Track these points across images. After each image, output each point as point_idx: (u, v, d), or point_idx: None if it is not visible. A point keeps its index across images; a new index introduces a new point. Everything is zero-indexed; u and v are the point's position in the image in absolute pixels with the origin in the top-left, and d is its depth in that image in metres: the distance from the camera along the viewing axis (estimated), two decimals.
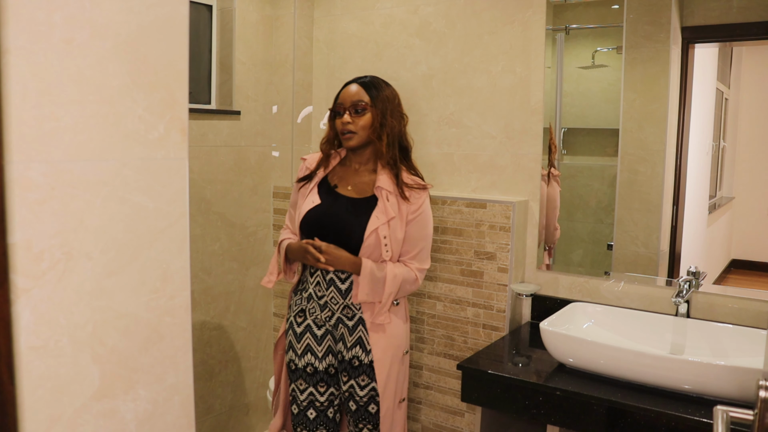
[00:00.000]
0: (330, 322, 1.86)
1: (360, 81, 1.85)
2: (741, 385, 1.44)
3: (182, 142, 0.86)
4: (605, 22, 2.06)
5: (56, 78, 0.72)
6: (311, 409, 1.89)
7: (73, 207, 0.75)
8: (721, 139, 2.03)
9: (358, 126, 1.81)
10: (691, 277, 1.84)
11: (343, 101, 1.83)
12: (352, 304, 1.83)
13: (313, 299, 1.88)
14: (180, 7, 0.84)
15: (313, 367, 1.88)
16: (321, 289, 1.86)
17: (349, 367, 1.85)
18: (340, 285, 1.83)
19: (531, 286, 2.12)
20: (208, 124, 2.50)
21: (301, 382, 1.89)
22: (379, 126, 1.81)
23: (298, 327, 1.90)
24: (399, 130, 1.86)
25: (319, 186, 1.89)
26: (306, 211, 1.85)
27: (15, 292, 0.70)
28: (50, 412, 0.75)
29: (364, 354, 1.82)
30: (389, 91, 1.86)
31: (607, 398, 1.54)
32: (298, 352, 1.89)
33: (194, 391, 0.92)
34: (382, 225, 1.78)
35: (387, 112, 1.82)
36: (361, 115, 1.81)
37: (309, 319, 1.88)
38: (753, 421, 0.83)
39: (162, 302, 0.86)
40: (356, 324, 1.83)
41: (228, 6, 2.56)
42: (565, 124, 2.14)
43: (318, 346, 1.88)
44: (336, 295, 1.84)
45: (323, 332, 1.87)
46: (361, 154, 1.88)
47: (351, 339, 1.84)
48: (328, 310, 1.86)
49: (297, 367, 1.89)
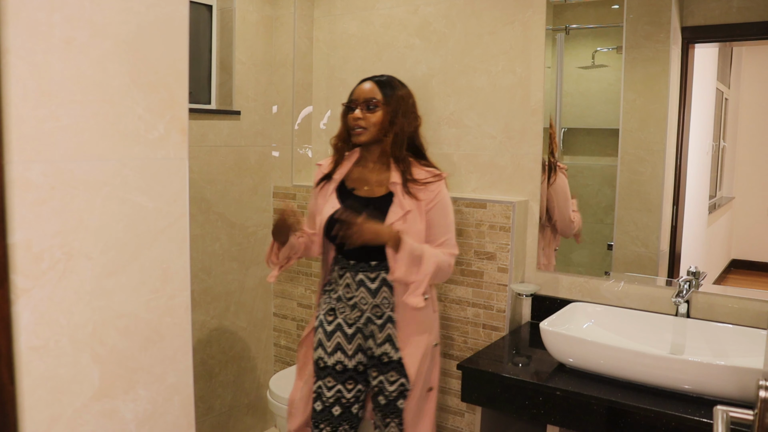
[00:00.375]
0: (360, 321, 1.87)
1: (376, 79, 1.86)
2: (741, 385, 1.44)
3: (182, 142, 0.86)
4: (605, 22, 2.06)
5: (56, 78, 0.72)
6: (337, 405, 1.89)
7: (73, 207, 0.75)
8: (721, 139, 2.03)
9: (369, 122, 1.82)
10: (691, 277, 1.84)
11: (356, 97, 1.85)
12: (381, 303, 1.84)
13: (342, 300, 1.89)
14: (180, 7, 0.84)
15: (343, 365, 1.88)
16: (350, 290, 1.87)
17: (379, 364, 1.86)
18: (370, 285, 1.84)
19: (531, 286, 2.12)
20: (208, 124, 2.50)
21: (329, 379, 1.89)
22: (389, 124, 1.82)
23: (329, 325, 1.91)
24: (410, 131, 1.86)
25: (338, 190, 1.90)
26: (327, 217, 1.86)
27: (15, 292, 0.70)
28: (50, 412, 0.75)
29: (394, 351, 1.84)
30: (404, 92, 1.87)
31: (607, 398, 1.54)
32: (328, 350, 1.89)
33: (194, 391, 0.92)
34: (398, 219, 1.79)
35: (399, 111, 1.82)
36: (372, 112, 1.82)
37: (339, 317, 1.89)
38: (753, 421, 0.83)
39: (162, 302, 0.86)
40: (385, 322, 1.85)
41: (228, 6, 2.56)
42: (565, 124, 2.14)
43: (348, 344, 1.89)
44: (366, 295, 1.85)
45: (353, 331, 1.88)
46: (372, 152, 1.89)
47: (381, 336, 1.85)
48: (357, 310, 1.87)
49: (326, 365, 1.89)
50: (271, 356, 2.90)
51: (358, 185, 1.90)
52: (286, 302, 2.82)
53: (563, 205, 2.16)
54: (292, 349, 2.83)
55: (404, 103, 1.84)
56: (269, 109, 2.75)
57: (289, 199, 2.74)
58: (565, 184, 2.15)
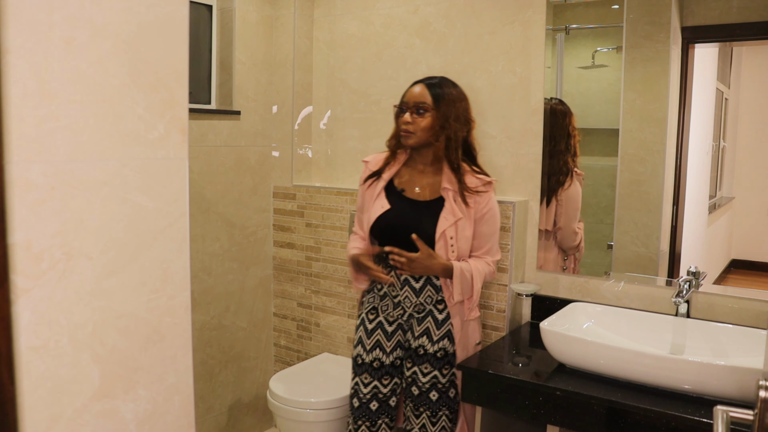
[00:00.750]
0: (402, 318, 1.93)
1: (427, 82, 1.85)
2: (741, 385, 1.44)
3: (182, 142, 0.86)
4: (605, 22, 2.06)
5: (56, 78, 0.72)
6: (374, 401, 1.95)
7: (73, 207, 0.75)
8: (721, 139, 2.03)
9: (418, 127, 1.81)
10: (691, 277, 1.84)
11: (407, 100, 1.85)
12: (425, 300, 1.88)
13: (387, 298, 1.93)
14: (180, 7, 0.84)
15: (380, 361, 1.94)
16: (395, 289, 1.91)
17: (414, 355, 1.90)
18: (415, 284, 1.88)
19: (531, 286, 2.12)
20: (208, 124, 2.50)
21: (366, 376, 1.95)
22: (440, 128, 1.82)
23: (370, 323, 1.96)
24: (463, 135, 1.86)
25: (386, 190, 1.91)
26: (376, 217, 1.88)
27: (15, 292, 0.70)
28: (50, 412, 0.75)
29: (430, 344, 1.88)
30: (456, 95, 1.85)
31: (607, 398, 1.53)
32: (367, 347, 1.95)
33: (194, 391, 0.92)
34: (450, 226, 1.81)
35: (450, 115, 1.81)
36: (422, 117, 1.81)
37: (381, 315, 1.95)
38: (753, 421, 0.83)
39: (162, 302, 0.86)
40: (425, 316, 1.89)
41: (228, 6, 2.56)
42: None
43: (387, 342, 1.94)
44: (410, 294, 1.89)
45: (394, 328, 1.94)
46: (424, 155, 1.89)
47: (419, 329, 1.89)
48: (400, 308, 1.91)
49: (363, 362, 1.95)
50: (271, 356, 2.90)
51: (407, 186, 1.91)
52: (286, 302, 2.82)
53: (571, 214, 2.13)
54: (292, 349, 2.83)
55: (455, 106, 1.83)
56: (269, 109, 2.75)
57: (289, 199, 2.74)
58: (577, 193, 2.12)
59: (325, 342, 2.71)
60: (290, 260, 2.77)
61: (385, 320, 1.94)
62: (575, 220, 2.13)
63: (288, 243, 2.77)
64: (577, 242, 2.13)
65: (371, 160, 1.98)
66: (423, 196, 1.89)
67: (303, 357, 2.78)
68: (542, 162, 2.13)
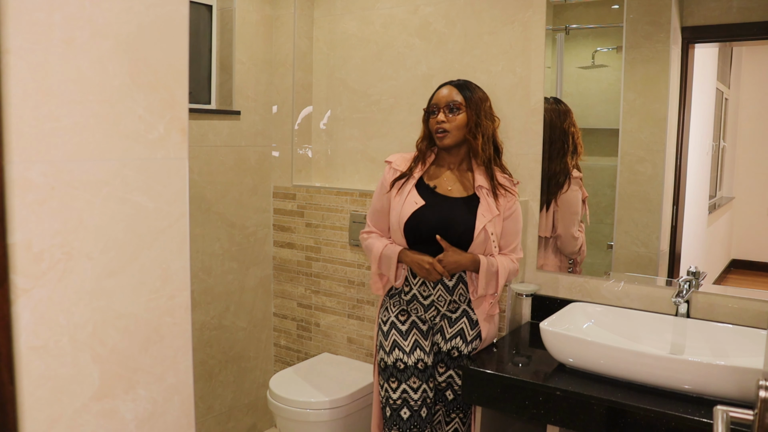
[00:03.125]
0: (435, 318, 1.92)
1: (454, 83, 1.88)
2: (741, 385, 1.44)
3: (182, 142, 0.86)
4: (605, 22, 2.06)
5: (56, 78, 0.72)
6: (424, 407, 1.89)
7: (73, 207, 0.75)
8: (721, 139, 2.03)
9: (452, 125, 1.83)
10: (691, 277, 1.84)
11: (437, 101, 1.86)
12: (458, 299, 1.89)
13: (416, 300, 1.91)
14: (180, 7, 0.84)
15: (424, 363, 1.90)
16: (427, 289, 1.89)
17: (447, 358, 1.90)
18: (447, 282, 1.88)
19: (531, 286, 2.12)
20: (208, 124, 2.50)
21: (414, 380, 1.89)
22: (474, 126, 1.83)
23: (403, 325, 1.92)
24: (492, 131, 1.87)
25: (417, 187, 1.89)
26: (410, 213, 1.85)
27: (15, 292, 0.70)
28: (50, 412, 0.75)
29: (464, 344, 1.88)
30: (481, 94, 1.88)
31: (607, 398, 1.54)
32: (406, 349, 1.90)
33: (194, 391, 0.92)
34: (489, 222, 1.82)
35: (481, 113, 1.84)
36: (456, 115, 1.83)
37: (413, 316, 1.93)
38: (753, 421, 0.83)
39: (162, 302, 0.86)
40: (460, 316, 1.89)
41: (228, 6, 2.56)
42: None
43: (425, 342, 1.91)
44: (444, 292, 1.89)
45: (427, 328, 1.93)
46: (456, 154, 1.89)
47: (451, 331, 1.89)
48: (433, 309, 1.91)
49: (406, 365, 1.89)
50: (271, 356, 2.90)
51: (440, 184, 1.90)
52: (286, 302, 2.82)
53: (568, 219, 2.13)
54: (292, 349, 2.83)
55: (483, 104, 1.86)
56: (269, 109, 2.75)
57: (288, 199, 2.74)
58: (576, 197, 2.11)
59: (325, 342, 2.71)
60: (290, 260, 2.77)
61: (419, 320, 1.92)
62: (573, 225, 2.13)
63: (288, 243, 2.77)
64: (577, 247, 2.13)
65: (395, 160, 1.94)
66: (456, 192, 1.88)
67: (303, 357, 2.78)
68: (542, 162, 2.13)
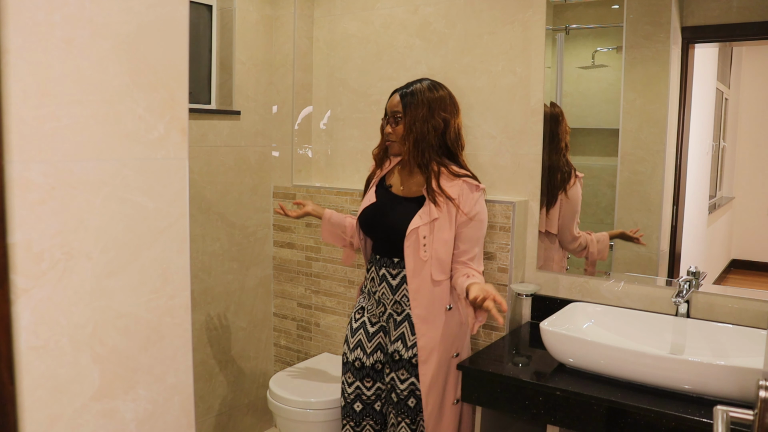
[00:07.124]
0: (383, 317, 1.96)
1: (401, 91, 1.91)
2: (741, 385, 1.44)
3: (182, 142, 0.86)
4: (605, 22, 2.06)
5: (56, 78, 0.72)
6: (358, 401, 1.99)
7: (73, 207, 0.75)
8: (721, 139, 2.03)
9: (397, 134, 1.91)
10: (691, 277, 1.84)
11: (387, 110, 1.95)
12: (401, 300, 1.90)
13: (370, 295, 1.99)
14: (180, 7, 0.84)
15: (361, 362, 1.98)
16: (374, 284, 1.96)
17: (391, 361, 1.92)
18: (391, 281, 1.91)
19: (531, 286, 2.12)
20: (208, 124, 2.49)
21: (349, 375, 2.00)
22: (408, 132, 1.87)
23: (355, 323, 2.03)
24: (437, 133, 1.86)
25: (377, 186, 2.01)
26: (363, 209, 1.98)
27: (15, 292, 0.70)
28: (50, 412, 0.75)
29: (405, 349, 1.88)
30: (425, 97, 1.86)
31: (607, 398, 1.53)
32: (351, 346, 2.01)
33: (194, 391, 0.92)
34: (424, 225, 1.82)
35: (418, 119, 1.85)
36: (398, 124, 1.90)
37: (366, 315, 2.00)
38: (753, 421, 0.83)
39: (162, 302, 0.86)
40: (403, 320, 1.90)
41: (228, 6, 2.56)
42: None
43: (368, 342, 1.98)
44: (387, 290, 1.92)
45: (376, 329, 1.98)
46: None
47: (395, 333, 1.91)
48: (381, 306, 1.95)
49: (347, 361, 2.01)
50: (271, 356, 2.90)
51: (395, 184, 1.99)
52: (286, 302, 2.82)
53: (568, 217, 2.13)
54: (292, 349, 2.83)
55: (425, 107, 1.85)
56: (269, 109, 2.75)
57: (289, 199, 2.74)
58: (576, 196, 2.11)
59: (325, 342, 2.71)
60: (290, 260, 2.77)
61: (369, 321, 1.99)
62: (572, 225, 2.12)
63: (288, 243, 2.77)
64: (575, 246, 2.12)
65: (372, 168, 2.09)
66: (407, 193, 1.94)
67: (303, 357, 2.78)
68: (542, 162, 2.13)
